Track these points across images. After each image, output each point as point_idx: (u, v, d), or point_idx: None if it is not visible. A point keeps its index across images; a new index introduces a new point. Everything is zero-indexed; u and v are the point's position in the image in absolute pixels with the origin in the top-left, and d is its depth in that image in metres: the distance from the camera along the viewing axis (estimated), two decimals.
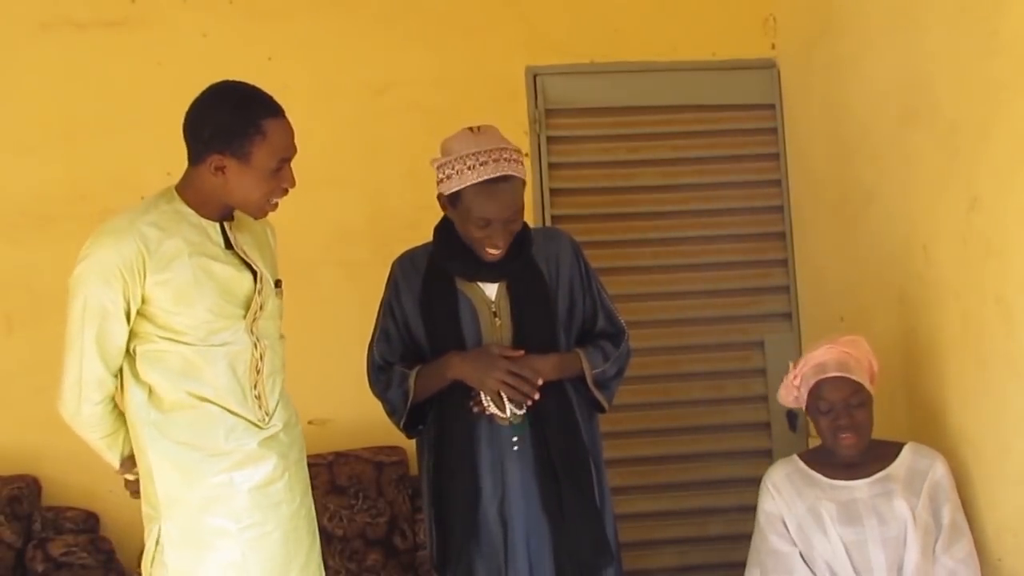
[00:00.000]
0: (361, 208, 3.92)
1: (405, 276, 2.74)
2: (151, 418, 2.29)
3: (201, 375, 2.29)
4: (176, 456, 2.29)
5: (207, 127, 2.26)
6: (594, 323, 2.71)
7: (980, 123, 2.67)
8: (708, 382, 3.94)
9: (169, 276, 2.25)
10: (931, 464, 2.66)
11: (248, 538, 2.31)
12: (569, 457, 2.59)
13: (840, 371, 2.63)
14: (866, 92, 3.30)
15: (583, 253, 2.74)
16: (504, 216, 2.52)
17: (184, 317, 2.26)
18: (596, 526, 2.60)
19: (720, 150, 4.02)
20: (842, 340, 2.71)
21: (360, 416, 3.88)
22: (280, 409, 2.43)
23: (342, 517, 3.59)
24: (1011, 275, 2.58)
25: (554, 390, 2.59)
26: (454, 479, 2.60)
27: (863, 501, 2.63)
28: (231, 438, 2.31)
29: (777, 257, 4.04)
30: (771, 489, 2.73)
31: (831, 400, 2.64)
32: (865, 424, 2.65)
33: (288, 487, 2.39)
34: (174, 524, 2.29)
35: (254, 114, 2.26)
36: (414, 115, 3.92)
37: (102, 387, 2.29)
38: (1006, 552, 2.58)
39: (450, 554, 2.59)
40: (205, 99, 2.29)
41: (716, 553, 3.84)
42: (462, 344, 2.60)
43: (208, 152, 2.26)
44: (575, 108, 3.92)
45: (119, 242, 2.23)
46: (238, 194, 2.31)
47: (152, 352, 2.29)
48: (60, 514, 3.55)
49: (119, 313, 2.24)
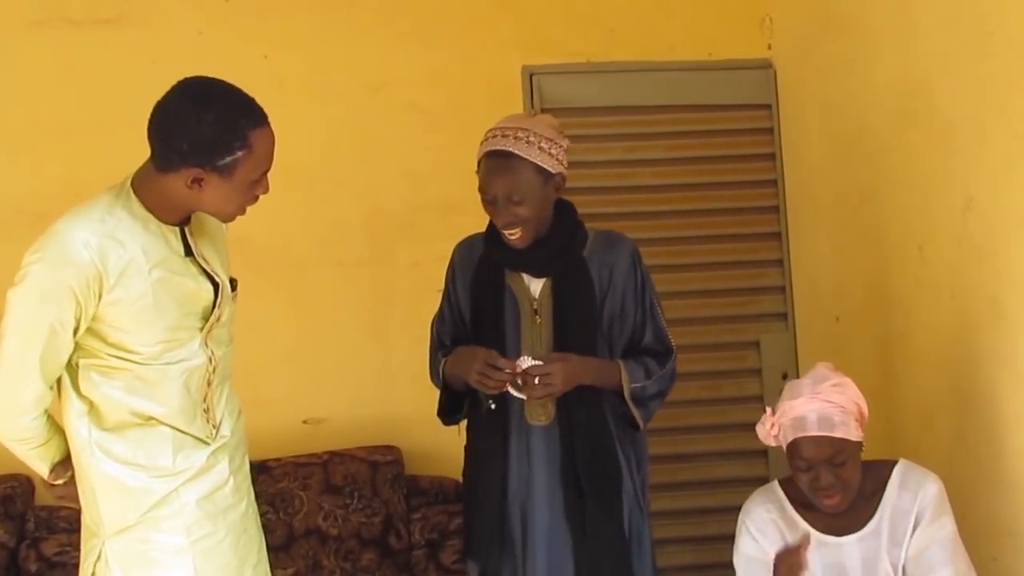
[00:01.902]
0: (357, 207, 3.92)
1: (461, 261, 2.74)
2: (93, 437, 2.14)
3: (152, 394, 2.14)
4: (121, 476, 2.15)
5: (185, 138, 2.00)
6: (641, 337, 2.66)
7: (976, 124, 2.67)
8: (704, 382, 3.93)
9: (126, 294, 2.06)
10: (914, 499, 2.39)
11: (201, 550, 2.19)
12: (596, 472, 2.57)
13: (821, 430, 2.33)
14: (862, 93, 3.30)
15: (643, 264, 2.69)
16: (497, 192, 2.50)
17: (139, 337, 2.10)
18: (619, 548, 2.57)
19: (716, 150, 4.02)
20: (825, 387, 2.37)
21: (355, 415, 3.89)
22: (226, 415, 2.30)
23: (337, 517, 3.58)
24: (1006, 276, 2.58)
25: (588, 401, 2.57)
26: (483, 472, 2.62)
27: (852, 567, 2.40)
28: (179, 457, 2.18)
29: (773, 257, 4.04)
30: (753, 532, 2.49)
31: (810, 459, 2.35)
32: (851, 480, 2.36)
33: (234, 490, 2.28)
34: (120, 544, 2.17)
35: (240, 126, 2.03)
36: (410, 114, 3.92)
37: (40, 403, 2.12)
38: (1001, 551, 2.58)
39: (476, 545, 2.63)
40: (181, 104, 2.04)
41: (711, 553, 3.83)
42: (502, 337, 2.59)
43: (184, 165, 2.02)
44: (571, 107, 3.91)
45: (74, 258, 2.01)
46: (212, 206, 2.11)
47: (98, 368, 2.12)
48: (53, 513, 3.54)
49: (66, 333, 2.06)
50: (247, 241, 3.48)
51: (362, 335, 3.91)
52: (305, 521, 3.53)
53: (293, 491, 3.54)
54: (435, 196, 3.89)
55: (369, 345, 3.90)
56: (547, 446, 2.59)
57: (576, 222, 2.68)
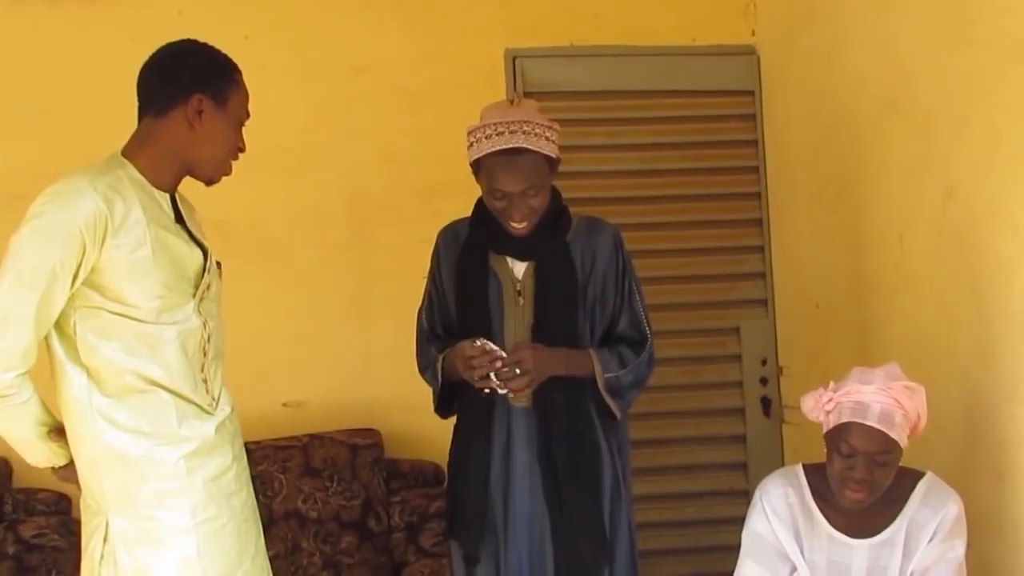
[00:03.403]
0: (338, 190, 3.90)
1: (446, 247, 2.74)
2: (96, 404, 2.12)
3: (152, 355, 2.13)
4: (125, 447, 2.13)
5: (185, 69, 2.19)
6: (616, 324, 2.67)
7: (957, 114, 2.68)
8: (684, 367, 3.94)
9: (127, 242, 2.08)
10: (934, 516, 2.37)
11: (204, 533, 2.18)
12: (573, 453, 2.58)
13: (880, 424, 2.29)
14: (845, 81, 3.31)
15: (625, 249, 2.70)
16: (516, 189, 2.51)
17: (138, 289, 2.10)
18: (596, 528, 2.59)
19: (699, 136, 4.01)
20: (898, 386, 2.32)
21: (335, 398, 3.88)
22: (224, 396, 2.30)
23: (316, 500, 3.58)
24: (985, 265, 2.59)
25: (566, 384, 2.58)
26: (467, 454, 2.64)
27: (856, 570, 2.39)
28: (185, 424, 2.17)
29: (754, 244, 4.04)
30: (767, 511, 2.45)
31: (856, 448, 2.31)
32: (882, 483, 2.34)
33: (237, 477, 2.28)
34: (125, 520, 2.15)
35: (228, 62, 2.26)
36: (393, 96, 3.90)
37: (27, 359, 2.06)
38: (974, 538, 2.60)
39: (459, 526, 2.64)
40: (176, 47, 2.23)
41: (691, 537, 3.87)
42: (487, 319, 2.60)
43: (189, 92, 2.17)
44: (554, 91, 3.90)
45: (82, 200, 2.05)
46: (207, 146, 2.21)
47: (98, 329, 2.11)
48: (31, 496, 3.52)
49: (67, 279, 2.05)
50: (228, 224, 3.47)
51: (343, 319, 3.90)
52: (284, 504, 3.53)
53: (273, 474, 3.54)
54: (417, 179, 3.88)
55: (349, 328, 3.89)
56: (527, 427, 2.61)
57: (561, 207, 2.68)
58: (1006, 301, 2.53)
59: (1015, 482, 2.53)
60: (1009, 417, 2.54)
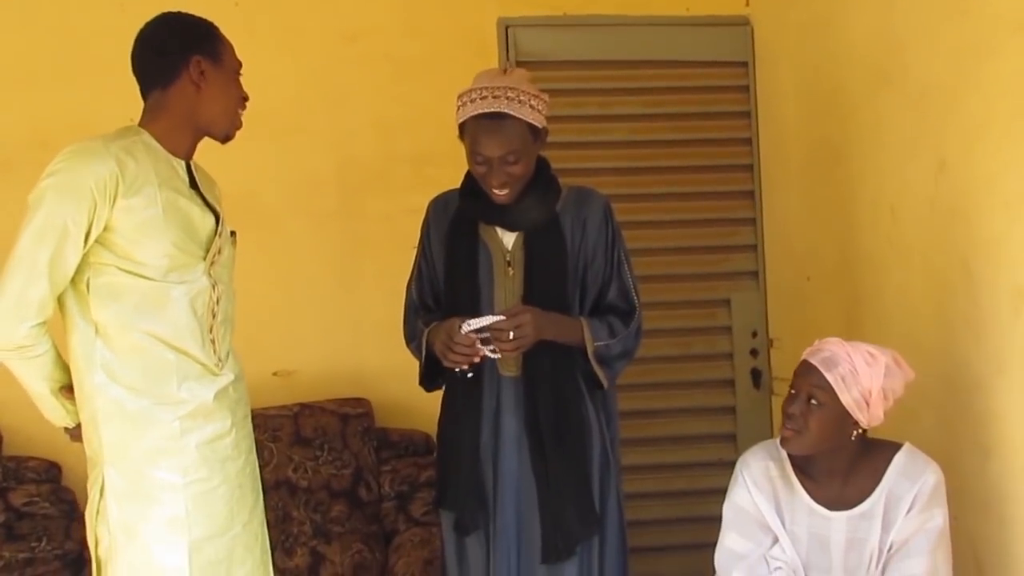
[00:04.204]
0: (328, 158, 3.88)
1: (436, 217, 2.74)
2: (100, 358, 2.21)
3: (161, 312, 2.22)
4: (124, 402, 2.21)
5: (175, 37, 2.28)
6: (605, 294, 2.67)
7: (950, 86, 2.67)
8: (674, 339, 3.95)
9: (138, 203, 2.17)
10: (912, 487, 2.37)
11: (193, 492, 2.24)
12: (559, 422, 2.58)
13: (821, 364, 2.34)
14: (839, 52, 3.29)
15: (615, 219, 2.69)
16: (495, 154, 2.50)
17: (148, 248, 2.19)
18: (583, 496, 2.60)
19: (692, 107, 4.00)
20: (862, 348, 2.37)
21: (325, 367, 3.88)
22: (231, 361, 2.39)
23: (307, 468, 3.59)
24: (976, 238, 2.59)
25: (553, 353, 2.57)
26: (458, 424, 2.64)
27: (835, 541, 2.41)
28: (184, 387, 2.25)
29: (745, 216, 4.04)
30: (748, 484, 2.48)
31: (796, 382, 2.39)
32: (815, 432, 2.34)
33: (235, 444, 2.35)
34: (118, 473, 2.22)
35: (205, 21, 2.34)
36: (384, 65, 3.88)
37: (43, 311, 2.16)
38: (962, 511, 2.62)
39: (450, 495, 2.65)
40: (156, 23, 2.31)
41: (679, 508, 3.89)
42: (476, 290, 2.61)
43: (184, 59, 2.26)
44: (547, 61, 3.88)
45: (94, 161, 2.15)
46: (216, 103, 2.31)
47: (108, 285, 2.20)
48: (22, 463, 3.52)
49: (79, 236, 2.14)
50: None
51: (333, 287, 3.90)
52: (275, 473, 3.53)
53: (263, 443, 3.53)
54: (408, 148, 3.86)
55: (340, 297, 3.89)
56: (515, 396, 2.61)
57: (550, 177, 2.67)
58: (996, 274, 2.53)
59: (1001, 455, 2.55)
60: (996, 391, 2.55)
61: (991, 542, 2.58)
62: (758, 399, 3.99)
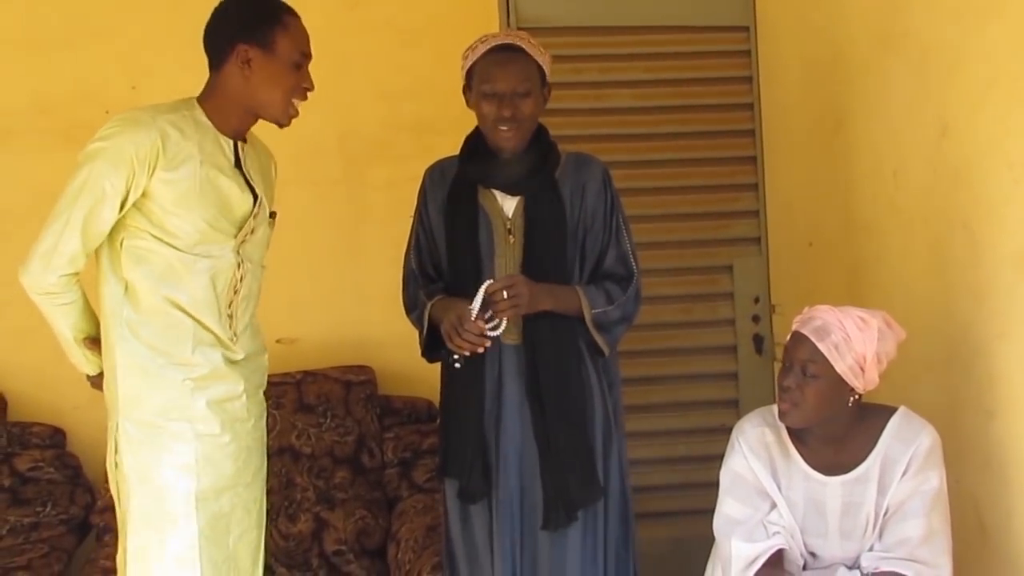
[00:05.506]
0: (330, 126, 3.87)
1: (433, 185, 2.74)
2: (125, 315, 2.32)
3: (182, 281, 2.33)
4: (143, 359, 2.32)
5: (229, 23, 2.34)
6: (603, 260, 2.68)
7: (952, 49, 2.66)
8: (676, 305, 3.95)
9: (176, 177, 2.28)
10: (907, 449, 2.38)
11: (204, 445, 2.36)
12: (560, 388, 2.59)
13: (812, 334, 2.35)
14: (840, 16, 3.28)
15: (613, 185, 2.70)
16: (508, 88, 2.53)
17: (180, 220, 2.30)
18: (584, 462, 2.60)
19: (693, 72, 3.98)
20: (853, 313, 2.36)
21: (328, 335, 3.89)
22: (248, 338, 2.48)
23: (310, 435, 3.61)
24: (979, 203, 2.59)
25: (554, 319, 2.58)
26: (461, 392, 2.65)
27: (831, 506, 2.43)
28: (198, 351, 2.36)
29: (748, 182, 4.03)
30: (744, 450, 2.48)
31: (789, 353, 2.39)
32: (811, 403, 2.35)
33: (245, 407, 2.45)
34: (131, 423, 2.33)
35: (274, 6, 2.39)
36: (386, 32, 3.87)
37: (73, 263, 2.29)
38: (964, 474, 2.63)
39: (455, 465, 2.65)
40: (222, 3, 2.37)
41: (681, 473, 3.90)
42: (477, 257, 2.61)
43: (233, 44, 2.33)
44: (549, 27, 3.85)
45: (138, 132, 2.25)
46: (263, 92, 2.37)
47: (138, 248, 2.31)
48: (26, 429, 3.55)
49: (115, 199, 2.26)
50: None
51: (336, 255, 3.90)
52: (278, 439, 3.55)
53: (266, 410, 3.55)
54: (410, 116, 3.85)
55: (343, 265, 3.89)
56: (516, 363, 2.62)
57: (549, 143, 2.67)
58: (999, 238, 2.53)
59: (1003, 418, 2.56)
60: (998, 354, 2.55)
61: (994, 504, 2.59)
62: (760, 365, 4.00)
